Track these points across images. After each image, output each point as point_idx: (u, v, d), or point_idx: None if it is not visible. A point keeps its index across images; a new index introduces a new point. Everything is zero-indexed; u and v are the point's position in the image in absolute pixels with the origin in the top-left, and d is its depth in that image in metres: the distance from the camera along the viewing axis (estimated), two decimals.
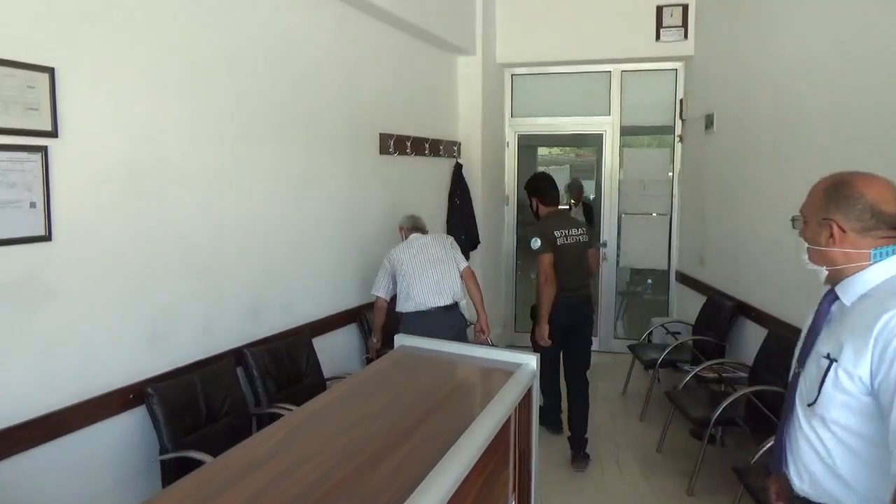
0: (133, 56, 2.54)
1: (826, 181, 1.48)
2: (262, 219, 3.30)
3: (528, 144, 10.88)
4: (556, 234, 3.86)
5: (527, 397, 1.35)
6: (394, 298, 3.79)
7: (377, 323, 3.81)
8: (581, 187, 6.61)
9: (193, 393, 2.76)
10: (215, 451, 2.53)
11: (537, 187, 4.09)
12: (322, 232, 3.80)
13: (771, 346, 3.67)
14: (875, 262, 1.40)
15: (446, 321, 3.67)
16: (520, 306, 6.42)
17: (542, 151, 14.33)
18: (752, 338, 4.13)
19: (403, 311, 3.71)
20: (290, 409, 2.92)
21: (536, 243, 3.83)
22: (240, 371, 3.10)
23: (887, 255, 1.40)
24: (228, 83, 3.03)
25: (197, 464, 2.48)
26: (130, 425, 2.58)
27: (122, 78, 2.50)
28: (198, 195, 2.89)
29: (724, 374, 3.99)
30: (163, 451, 2.58)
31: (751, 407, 3.41)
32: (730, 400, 3.34)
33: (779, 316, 3.78)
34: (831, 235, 1.43)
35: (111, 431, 2.51)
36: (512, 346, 5.95)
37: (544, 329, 3.83)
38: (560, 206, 4.19)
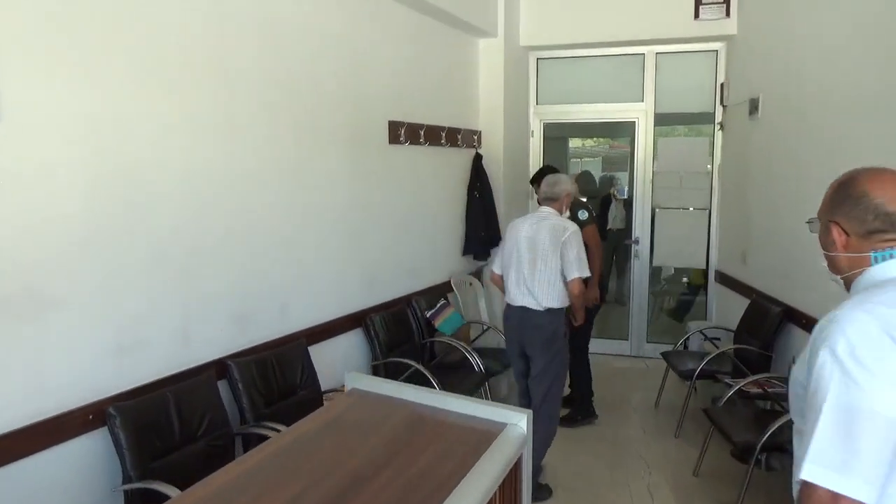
0: (96, 36, 2.23)
1: (839, 178, 1.35)
2: (249, 215, 2.98)
3: (557, 136, 10.44)
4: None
5: (514, 471, 0.98)
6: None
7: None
8: (594, 180, 6.38)
9: (165, 412, 2.45)
10: (188, 478, 2.23)
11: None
12: (321, 228, 3.47)
13: None
14: (875, 266, 1.28)
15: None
16: None
17: (575, 144, 13.79)
18: (802, 349, 3.67)
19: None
20: (279, 430, 2.61)
21: (584, 214, 3.96)
22: (223, 385, 2.78)
23: (887, 258, 1.27)
24: (210, 65, 2.71)
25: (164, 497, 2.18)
26: (89, 450, 2.28)
27: (81, 57, 2.18)
28: (174, 190, 2.57)
29: (769, 389, 3.54)
30: (126, 479, 2.27)
31: None
32: (778, 424, 2.91)
33: None
34: (833, 240, 1.34)
35: (66, 458, 2.21)
36: None
37: (596, 291, 4.06)
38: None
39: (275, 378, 2.98)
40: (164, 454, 2.39)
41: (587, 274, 3.39)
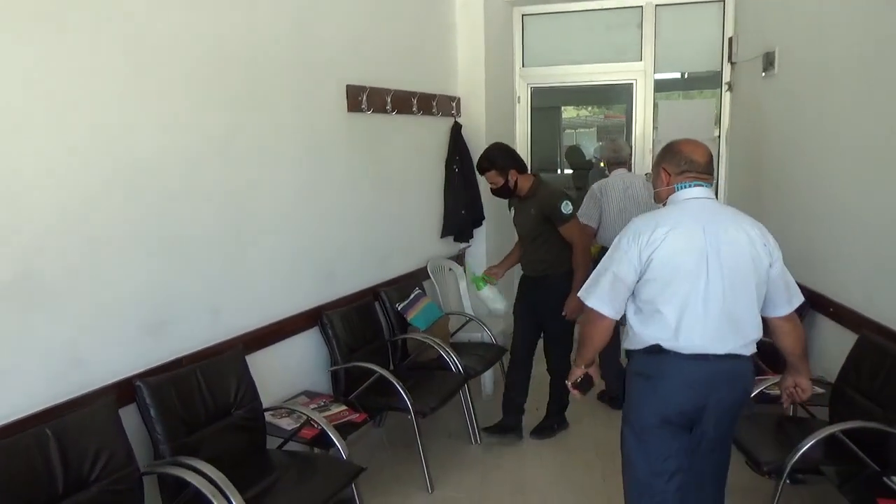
0: None
1: (666, 144, 2.19)
2: (168, 201, 2.43)
3: (548, 104, 9.79)
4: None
5: None
6: None
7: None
8: (583, 154, 6.16)
9: (42, 456, 1.92)
10: None
11: (510, 157, 3.43)
12: (263, 213, 2.92)
13: (862, 357, 2.71)
14: (678, 191, 2.07)
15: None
16: None
17: (570, 114, 13.10)
18: (832, 343, 3.17)
19: None
20: (199, 469, 2.10)
21: (568, 207, 3.30)
22: (131, 412, 2.26)
23: (686, 187, 2.07)
24: (117, 23, 2.14)
25: None
26: None
27: None
28: (59, 168, 2.02)
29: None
30: None
31: (835, 444, 2.48)
32: (810, 443, 2.41)
33: (872, 316, 2.82)
34: (662, 179, 2.13)
35: None
36: None
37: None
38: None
39: (200, 398, 2.45)
40: None
41: None
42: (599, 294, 2.05)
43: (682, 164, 2.06)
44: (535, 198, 3.37)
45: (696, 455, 2.11)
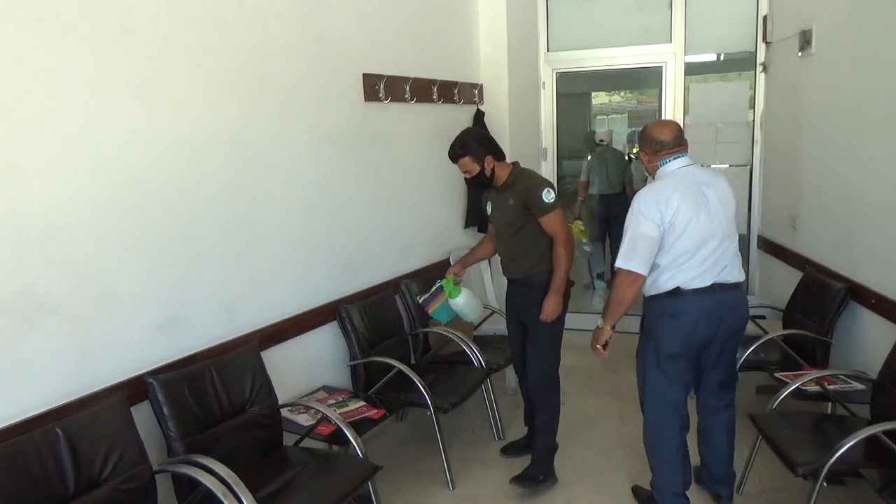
0: None
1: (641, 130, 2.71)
2: (181, 195, 2.39)
3: (577, 91, 9.53)
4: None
5: None
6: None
7: None
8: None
9: (53, 454, 1.90)
10: None
11: (486, 143, 3.02)
12: (279, 206, 2.87)
13: None
14: (661, 167, 2.52)
15: None
16: None
17: (601, 100, 12.74)
18: (872, 335, 3.00)
19: None
20: (212, 469, 2.07)
21: (550, 195, 2.87)
22: (143, 409, 2.24)
23: (667, 162, 2.51)
24: (125, 15, 2.09)
25: None
26: None
27: None
28: (72, 164, 2.00)
29: (831, 387, 2.89)
30: None
31: (876, 445, 2.33)
32: (849, 444, 2.27)
33: None
34: (643, 160, 2.62)
35: None
36: None
37: (559, 301, 2.92)
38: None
39: (214, 394, 2.42)
40: None
41: None
42: (639, 258, 2.43)
43: (654, 145, 2.51)
44: (514, 187, 2.94)
45: (705, 372, 2.65)
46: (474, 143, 2.96)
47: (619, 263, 2.48)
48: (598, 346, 2.62)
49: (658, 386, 2.60)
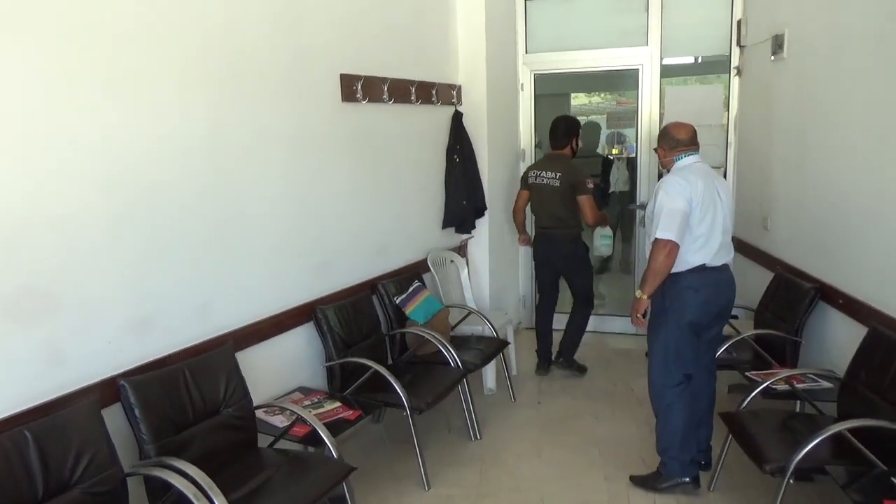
0: None
1: (661, 128, 3.14)
2: (154, 193, 2.37)
3: (557, 91, 9.59)
4: (532, 173, 4.34)
5: None
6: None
7: None
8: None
9: (21, 458, 1.89)
10: None
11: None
12: (251, 208, 2.86)
13: (872, 351, 2.61)
14: (677, 162, 2.89)
15: None
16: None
17: (581, 101, 12.79)
18: (840, 335, 3.07)
19: None
20: (185, 471, 2.05)
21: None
22: (115, 411, 2.22)
23: (682, 158, 2.89)
24: (98, 7, 2.07)
25: None
26: None
27: None
28: (41, 156, 1.97)
29: (799, 385, 2.95)
30: None
31: (842, 442, 2.38)
32: (814, 442, 2.32)
33: (883, 308, 2.72)
34: (660, 155, 3.01)
35: None
36: (530, 328, 4.99)
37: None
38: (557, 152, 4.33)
39: (188, 396, 2.41)
40: None
41: None
42: (676, 230, 2.71)
43: (672, 142, 2.89)
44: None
45: (702, 351, 2.97)
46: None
47: (658, 234, 2.73)
48: (638, 315, 2.89)
49: (678, 345, 2.88)
